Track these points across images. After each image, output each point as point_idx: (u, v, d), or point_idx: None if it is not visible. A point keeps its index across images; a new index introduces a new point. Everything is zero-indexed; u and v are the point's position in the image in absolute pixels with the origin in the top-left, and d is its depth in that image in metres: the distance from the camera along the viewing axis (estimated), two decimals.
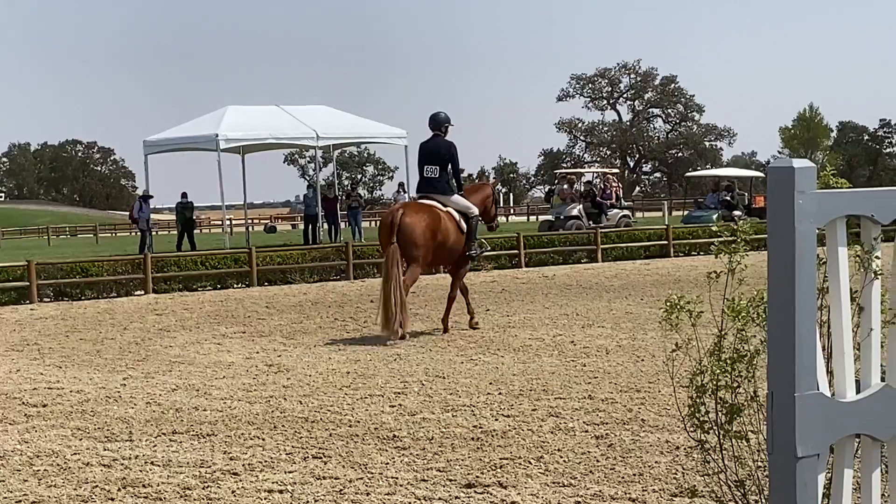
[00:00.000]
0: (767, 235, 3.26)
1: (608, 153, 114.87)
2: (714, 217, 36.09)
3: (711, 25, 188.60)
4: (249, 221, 47.06)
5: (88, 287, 21.30)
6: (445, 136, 14.03)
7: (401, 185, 40.89)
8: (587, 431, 7.63)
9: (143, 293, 21.56)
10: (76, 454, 7.54)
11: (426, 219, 13.45)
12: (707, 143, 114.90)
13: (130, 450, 7.62)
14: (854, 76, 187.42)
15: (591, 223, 35.52)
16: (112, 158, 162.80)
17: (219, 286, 22.46)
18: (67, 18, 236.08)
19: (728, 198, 39.01)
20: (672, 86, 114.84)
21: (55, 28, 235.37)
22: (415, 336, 13.37)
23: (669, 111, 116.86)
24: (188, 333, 14.90)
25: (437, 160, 13.85)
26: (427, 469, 6.75)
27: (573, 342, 12.38)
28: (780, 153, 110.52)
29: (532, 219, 71.67)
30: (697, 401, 4.54)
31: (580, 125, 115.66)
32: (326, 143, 35.62)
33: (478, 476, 6.50)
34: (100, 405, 9.47)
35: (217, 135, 31.60)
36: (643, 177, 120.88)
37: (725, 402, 4.49)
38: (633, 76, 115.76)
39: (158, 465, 7.12)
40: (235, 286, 22.60)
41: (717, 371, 4.43)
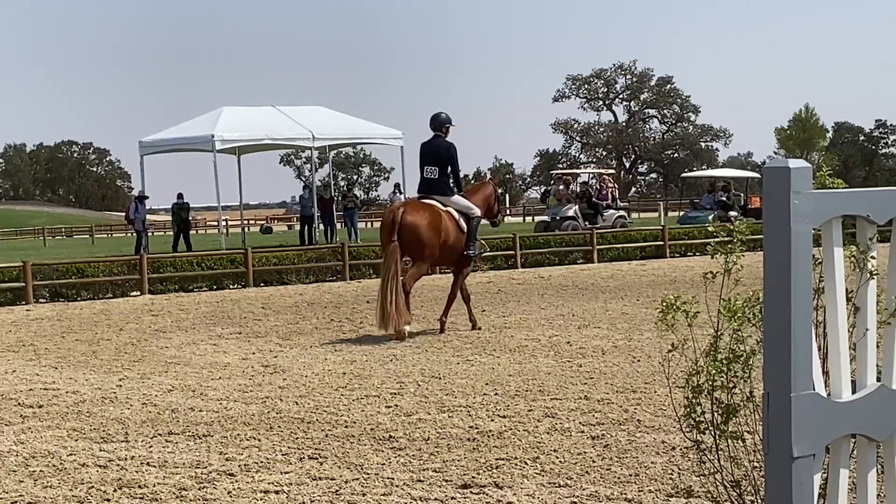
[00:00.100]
0: (763, 236, 3.26)
1: (604, 154, 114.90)
2: (710, 218, 36.20)
3: (707, 26, 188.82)
4: (245, 222, 47.04)
5: (84, 288, 21.28)
6: (446, 137, 14.09)
7: (397, 186, 40.88)
8: (583, 432, 7.64)
9: (139, 294, 21.56)
10: (72, 455, 7.54)
11: (428, 217, 13.53)
12: (703, 144, 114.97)
13: (126, 450, 7.62)
14: (850, 77, 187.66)
15: (587, 224, 35.52)
16: (108, 159, 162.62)
17: (215, 287, 22.46)
18: (63, 19, 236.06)
19: (724, 198, 39.05)
20: (668, 86, 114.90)
21: (51, 29, 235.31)
22: (411, 337, 13.36)
23: (665, 112, 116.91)
24: (184, 334, 14.90)
25: (437, 161, 13.89)
26: (423, 470, 6.75)
27: (569, 343, 12.39)
28: (776, 154, 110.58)
29: (528, 219, 71.69)
30: (693, 401, 4.55)
31: (576, 126, 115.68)
32: (322, 144, 35.63)
33: (474, 476, 6.50)
34: (96, 406, 9.46)
35: (213, 135, 31.59)
36: (639, 177, 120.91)
37: (721, 403, 4.49)
38: (629, 77, 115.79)
39: (154, 466, 7.12)
40: (231, 287, 22.59)
41: (713, 371, 4.43)
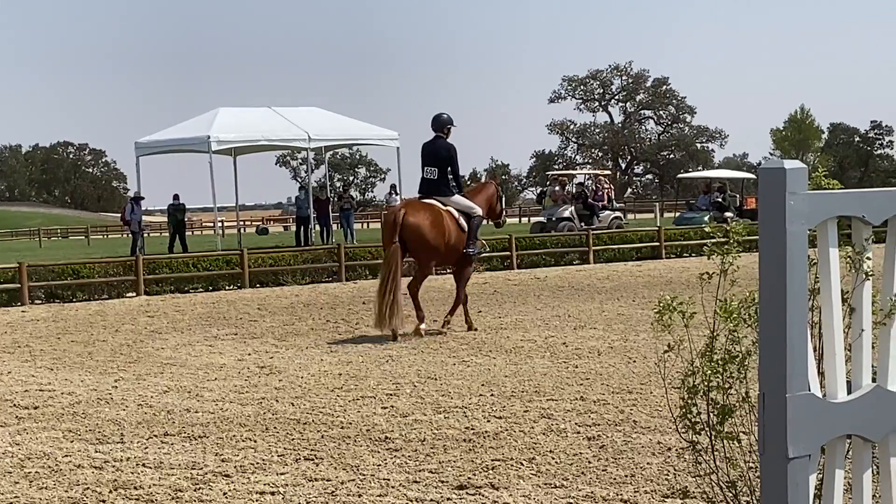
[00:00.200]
0: (759, 237, 3.26)
1: (600, 155, 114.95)
2: (706, 219, 36.22)
3: (703, 27, 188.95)
4: (241, 223, 47.03)
5: (80, 289, 21.26)
6: (447, 138, 14.16)
7: (393, 187, 40.88)
8: (579, 433, 7.64)
9: (135, 295, 21.54)
10: (67, 456, 7.53)
11: (430, 217, 13.61)
12: (699, 145, 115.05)
13: (122, 451, 7.61)
14: (845, 78, 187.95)
15: (583, 225, 35.55)
16: (104, 160, 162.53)
17: (210, 288, 22.44)
18: (58, 20, 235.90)
19: (720, 199, 39.08)
20: (663, 87, 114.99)
21: (46, 29, 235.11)
22: (406, 338, 13.38)
23: (661, 113, 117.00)
24: (180, 335, 14.89)
25: (437, 161, 13.99)
26: (419, 470, 6.75)
27: (565, 344, 12.39)
28: (772, 155, 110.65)
29: (524, 220, 71.71)
30: (689, 402, 4.54)
31: (572, 127, 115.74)
32: (318, 145, 35.62)
33: (470, 477, 6.50)
34: (91, 407, 9.45)
35: (209, 136, 31.57)
36: (635, 178, 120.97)
37: (717, 403, 4.49)
38: (625, 78, 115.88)
39: (150, 467, 7.11)
40: (227, 288, 22.57)
41: (709, 372, 4.43)
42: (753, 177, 42.63)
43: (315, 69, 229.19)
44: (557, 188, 39.94)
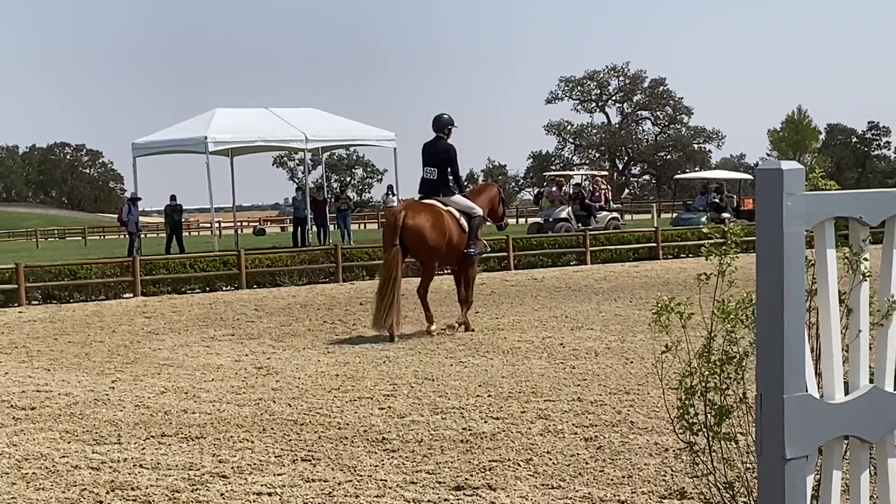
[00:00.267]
0: (756, 237, 3.26)
1: (597, 155, 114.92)
2: (703, 219, 36.26)
3: (700, 28, 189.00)
4: (238, 224, 47.02)
5: (77, 290, 21.25)
6: (448, 138, 14.21)
7: (390, 188, 40.85)
8: (576, 433, 7.64)
9: (132, 296, 21.53)
10: (64, 457, 7.52)
11: (431, 218, 13.65)
12: (696, 146, 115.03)
13: (119, 453, 7.61)
14: (842, 79, 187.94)
15: (580, 225, 35.56)
16: (100, 161, 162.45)
17: (207, 289, 22.43)
18: (55, 20, 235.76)
19: (717, 200, 39.09)
20: (661, 88, 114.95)
21: (43, 30, 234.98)
22: (404, 339, 13.37)
23: (658, 114, 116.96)
24: (177, 336, 14.88)
25: (437, 162, 14.06)
26: (416, 471, 6.74)
27: (562, 344, 12.39)
28: (769, 155, 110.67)
29: (521, 221, 71.71)
30: (686, 403, 4.55)
31: (569, 127, 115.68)
32: (315, 146, 35.58)
33: (467, 478, 6.50)
34: (88, 408, 9.45)
35: (206, 137, 31.55)
36: (632, 179, 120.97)
37: (714, 404, 4.49)
38: (622, 79, 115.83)
39: (147, 468, 7.11)
40: (224, 289, 22.57)
41: (707, 373, 4.43)
42: (750, 177, 42.66)
43: (312, 70, 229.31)
44: (554, 189, 39.96)
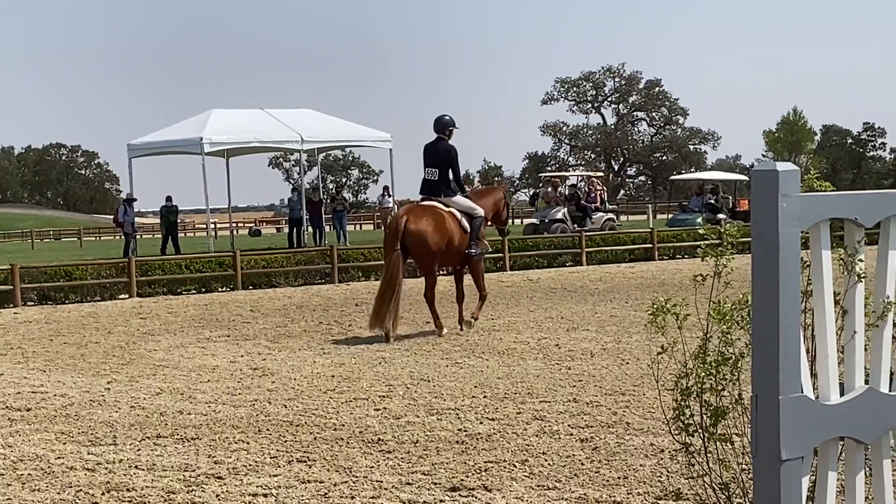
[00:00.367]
0: (751, 238, 3.26)
1: (593, 156, 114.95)
2: (698, 220, 36.27)
3: (696, 29, 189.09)
4: (234, 225, 46.99)
5: (72, 291, 21.22)
6: (449, 139, 14.25)
7: (386, 189, 40.85)
8: (572, 434, 7.64)
9: (128, 297, 21.51)
10: (60, 458, 7.51)
11: (432, 222, 13.70)
12: (691, 147, 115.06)
13: (114, 454, 7.60)
14: (838, 79, 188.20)
15: (576, 226, 35.55)
16: (96, 162, 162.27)
17: (203, 290, 22.42)
18: (52, 21, 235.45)
19: (712, 201, 39.12)
20: (656, 89, 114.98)
21: (39, 31, 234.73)
22: (399, 340, 13.37)
23: (654, 114, 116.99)
24: (172, 337, 14.87)
25: (438, 163, 14.12)
26: (412, 472, 6.74)
27: (558, 345, 12.39)
28: (764, 156, 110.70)
29: (517, 222, 71.70)
30: (682, 404, 4.55)
31: (565, 128, 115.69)
32: (311, 147, 35.58)
33: (462, 479, 6.50)
34: (84, 409, 9.44)
35: (201, 138, 31.55)
36: (628, 180, 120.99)
37: (710, 405, 4.49)
38: (618, 79, 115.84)
39: (143, 469, 7.10)
40: (220, 290, 22.55)
41: (702, 374, 4.44)
42: (746, 178, 42.67)
43: (308, 71, 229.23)
44: (550, 190, 39.95)
